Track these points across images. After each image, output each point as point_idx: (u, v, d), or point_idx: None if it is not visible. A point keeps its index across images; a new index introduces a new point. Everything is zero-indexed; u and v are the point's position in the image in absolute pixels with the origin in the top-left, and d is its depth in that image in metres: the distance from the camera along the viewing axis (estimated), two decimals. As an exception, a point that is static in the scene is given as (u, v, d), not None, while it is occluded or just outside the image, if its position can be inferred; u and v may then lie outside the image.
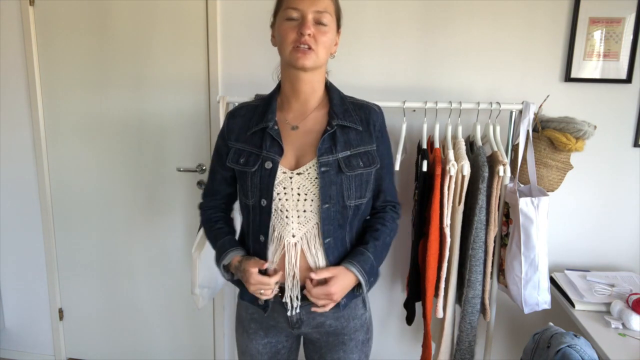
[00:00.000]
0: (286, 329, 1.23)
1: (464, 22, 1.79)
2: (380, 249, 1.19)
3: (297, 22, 1.08)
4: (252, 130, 1.16)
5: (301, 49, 1.07)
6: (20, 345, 2.42)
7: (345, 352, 1.23)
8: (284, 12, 1.10)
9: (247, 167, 1.14)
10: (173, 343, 2.29)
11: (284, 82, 1.18)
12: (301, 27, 1.07)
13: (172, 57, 1.98)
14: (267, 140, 1.13)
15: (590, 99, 1.79)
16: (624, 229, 1.87)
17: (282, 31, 1.10)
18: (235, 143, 1.18)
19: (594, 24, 1.72)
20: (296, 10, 1.08)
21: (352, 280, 1.13)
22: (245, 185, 1.15)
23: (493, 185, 1.59)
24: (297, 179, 1.12)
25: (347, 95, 1.23)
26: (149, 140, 2.08)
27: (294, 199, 1.11)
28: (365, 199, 1.17)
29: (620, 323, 1.49)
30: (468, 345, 1.70)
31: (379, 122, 1.19)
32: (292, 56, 1.09)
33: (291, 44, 1.08)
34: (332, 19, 1.12)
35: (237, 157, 1.17)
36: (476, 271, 1.62)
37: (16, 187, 2.24)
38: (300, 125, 1.16)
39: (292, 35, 1.08)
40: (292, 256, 1.13)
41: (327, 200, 1.11)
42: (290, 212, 1.12)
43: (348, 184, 1.12)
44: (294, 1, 1.08)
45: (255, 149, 1.14)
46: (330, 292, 1.09)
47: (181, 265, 2.18)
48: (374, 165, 1.16)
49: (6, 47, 2.09)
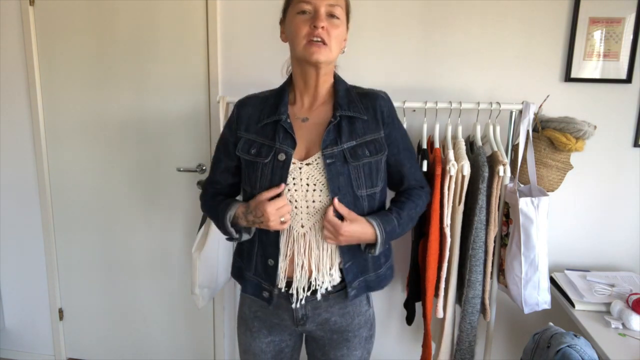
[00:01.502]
0: (290, 327, 1.23)
1: (464, 22, 1.79)
2: (404, 219, 1.18)
3: (310, 15, 1.08)
4: (264, 122, 1.16)
5: (315, 42, 1.07)
6: (20, 345, 2.42)
7: (349, 348, 1.23)
8: (296, 6, 1.09)
9: (259, 157, 1.14)
10: (173, 343, 2.29)
11: (295, 77, 1.19)
12: (314, 20, 1.06)
13: (172, 57, 1.98)
14: (280, 133, 1.14)
15: (590, 99, 1.78)
16: (624, 229, 1.87)
17: (294, 25, 1.09)
18: (245, 133, 1.18)
19: (594, 24, 1.72)
20: (309, 3, 1.07)
21: (368, 233, 1.12)
22: (254, 176, 1.15)
23: (493, 185, 1.59)
24: (306, 169, 1.12)
25: (353, 85, 1.23)
26: (149, 140, 2.08)
27: (303, 189, 1.12)
28: (378, 187, 1.16)
29: (620, 323, 1.49)
30: (468, 345, 1.70)
31: (386, 108, 1.18)
32: (306, 51, 1.08)
33: (304, 37, 1.07)
34: (343, 13, 1.11)
35: (247, 147, 1.17)
36: (476, 271, 1.62)
37: (16, 187, 2.24)
38: (310, 117, 1.17)
39: (304, 29, 1.07)
40: (301, 246, 1.14)
41: (336, 191, 1.11)
42: (300, 203, 1.12)
43: (357, 174, 1.12)
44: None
45: (267, 141, 1.15)
46: (340, 228, 1.08)
47: (181, 265, 2.18)
48: (382, 152, 1.16)
49: (6, 47, 2.09)
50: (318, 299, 1.17)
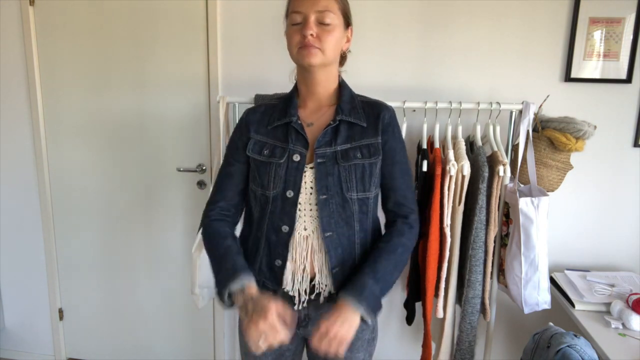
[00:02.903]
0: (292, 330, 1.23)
1: (464, 22, 1.79)
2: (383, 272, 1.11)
3: (301, 25, 1.11)
4: (274, 125, 1.18)
5: (306, 47, 1.10)
6: (20, 345, 2.42)
7: (351, 351, 1.23)
8: (290, 18, 1.13)
9: (273, 158, 1.14)
10: (173, 343, 2.29)
11: (299, 84, 1.21)
12: (303, 29, 1.09)
13: (172, 57, 1.98)
14: (292, 134, 1.15)
15: (590, 99, 1.79)
16: (624, 229, 1.87)
17: (288, 35, 1.14)
18: (255, 135, 1.19)
19: (594, 24, 1.72)
20: (299, 13, 1.11)
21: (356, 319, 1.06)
22: (266, 177, 1.14)
23: (493, 185, 1.59)
24: (309, 172, 1.13)
25: (359, 94, 1.23)
26: (149, 140, 2.08)
27: (307, 192, 1.13)
28: (371, 193, 1.15)
29: (620, 323, 1.49)
30: (468, 345, 1.70)
31: (388, 117, 1.19)
32: (299, 55, 1.11)
33: (296, 45, 1.11)
34: (336, 17, 1.12)
35: (259, 149, 1.17)
36: (476, 271, 1.62)
37: (16, 187, 2.24)
38: (315, 122, 1.19)
39: (296, 38, 1.11)
40: (303, 249, 1.14)
41: (324, 191, 1.11)
42: (304, 205, 1.14)
43: (346, 175, 1.12)
44: (296, 5, 1.11)
45: (279, 142, 1.16)
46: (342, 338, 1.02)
47: (181, 265, 2.18)
48: (376, 156, 1.15)
49: (6, 47, 2.09)
50: (321, 302, 1.17)
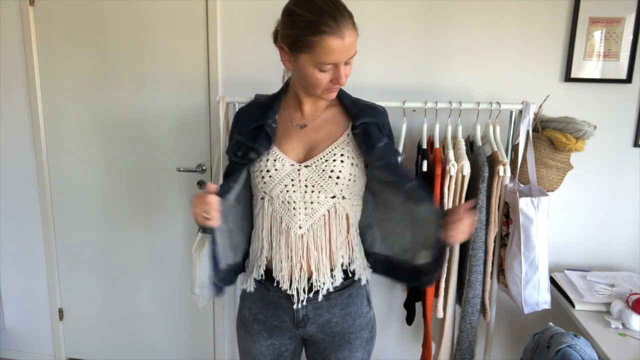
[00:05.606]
0: (290, 330, 1.23)
1: (464, 22, 1.79)
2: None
3: (331, 69, 1.07)
4: (253, 126, 1.19)
5: (333, 88, 1.12)
6: (20, 345, 2.42)
7: (350, 350, 1.23)
8: (316, 61, 1.05)
9: (244, 159, 1.17)
10: (173, 343, 2.29)
11: (297, 88, 1.19)
12: (338, 79, 1.08)
13: (172, 57, 1.98)
14: (262, 135, 1.16)
15: (590, 99, 1.78)
16: (624, 229, 1.87)
17: (312, 78, 1.08)
18: (238, 135, 1.22)
19: (594, 24, 1.72)
20: (331, 63, 1.06)
21: None
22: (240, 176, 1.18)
23: (493, 185, 1.59)
24: (304, 171, 1.14)
25: (353, 97, 1.25)
26: (149, 140, 2.08)
27: (302, 190, 1.14)
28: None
29: (620, 323, 1.49)
30: (468, 345, 1.70)
31: (385, 122, 1.23)
32: (324, 95, 1.13)
33: (323, 87, 1.10)
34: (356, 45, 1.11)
35: (235, 149, 1.20)
36: (476, 271, 1.62)
37: (16, 187, 2.24)
38: (310, 124, 1.19)
39: (325, 81, 1.09)
40: (299, 248, 1.15)
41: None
42: (298, 204, 1.14)
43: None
44: (330, 57, 1.04)
45: (251, 143, 1.17)
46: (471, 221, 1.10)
47: (181, 265, 2.18)
48: None
49: (6, 47, 2.09)
50: (319, 300, 1.18)
